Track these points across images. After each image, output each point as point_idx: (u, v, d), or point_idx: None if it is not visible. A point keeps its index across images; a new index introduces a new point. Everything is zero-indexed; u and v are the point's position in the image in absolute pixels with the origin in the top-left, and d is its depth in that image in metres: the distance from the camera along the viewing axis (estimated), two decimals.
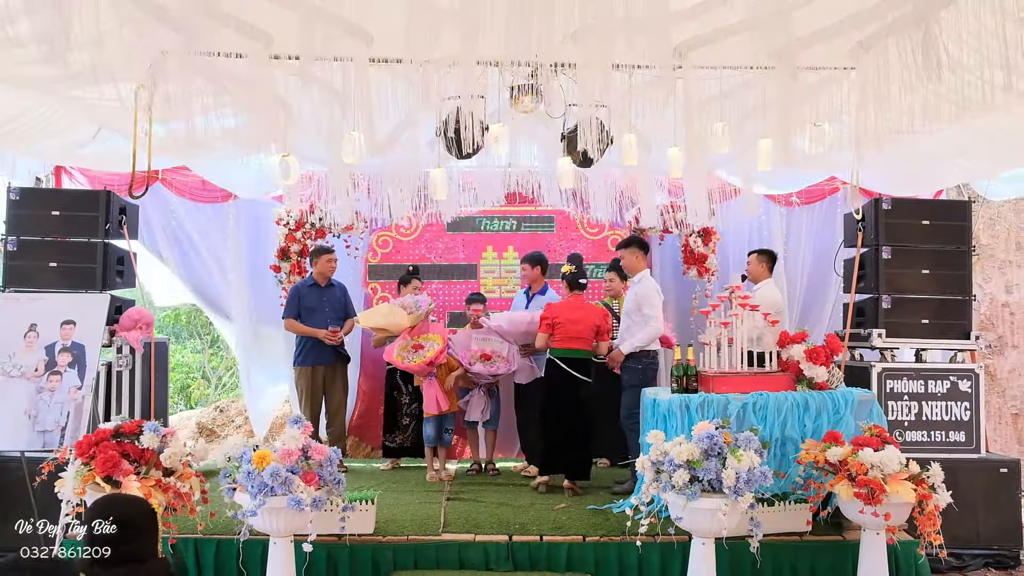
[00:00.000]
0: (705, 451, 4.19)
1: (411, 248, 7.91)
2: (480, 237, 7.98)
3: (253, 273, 7.67)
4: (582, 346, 6.01)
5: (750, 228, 7.93)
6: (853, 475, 4.34)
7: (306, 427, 4.30)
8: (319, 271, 6.91)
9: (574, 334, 5.98)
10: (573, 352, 5.98)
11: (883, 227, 6.12)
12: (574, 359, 5.96)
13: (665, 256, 8.02)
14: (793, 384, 5.15)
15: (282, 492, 4.02)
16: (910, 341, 6.14)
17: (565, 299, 6.22)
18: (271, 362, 7.88)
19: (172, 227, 7.54)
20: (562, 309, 6.08)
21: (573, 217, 7.89)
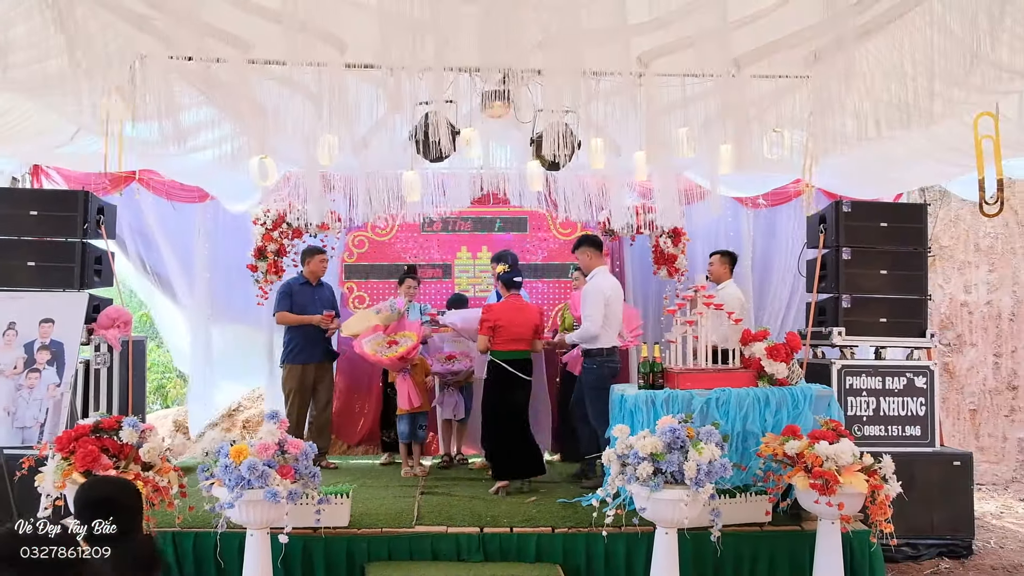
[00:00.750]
0: (668, 444, 4.35)
1: (387, 248, 8.03)
2: (454, 238, 8.13)
3: (229, 272, 7.78)
4: (524, 347, 6.09)
5: (718, 229, 8.14)
6: (809, 467, 4.52)
7: (282, 422, 4.42)
8: (310, 270, 7.02)
9: (516, 336, 6.04)
10: (516, 354, 6.04)
11: (843, 229, 6.33)
12: (517, 360, 6.04)
13: (636, 256, 8.22)
14: (755, 380, 5.34)
15: (259, 485, 4.14)
16: (869, 339, 6.35)
17: (504, 300, 6.23)
18: (240, 359, 7.99)
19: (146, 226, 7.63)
20: (503, 311, 6.10)
21: (546, 218, 8.05)
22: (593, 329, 5.85)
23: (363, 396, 7.96)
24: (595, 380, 5.89)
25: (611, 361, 5.95)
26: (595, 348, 5.93)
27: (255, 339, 7.93)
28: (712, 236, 8.12)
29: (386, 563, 4.77)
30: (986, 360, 8.94)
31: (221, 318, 7.96)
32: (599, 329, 5.85)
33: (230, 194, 7.29)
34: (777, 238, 8.08)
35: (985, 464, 8.67)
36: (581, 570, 4.85)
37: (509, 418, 6.03)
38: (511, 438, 6.02)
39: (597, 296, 5.90)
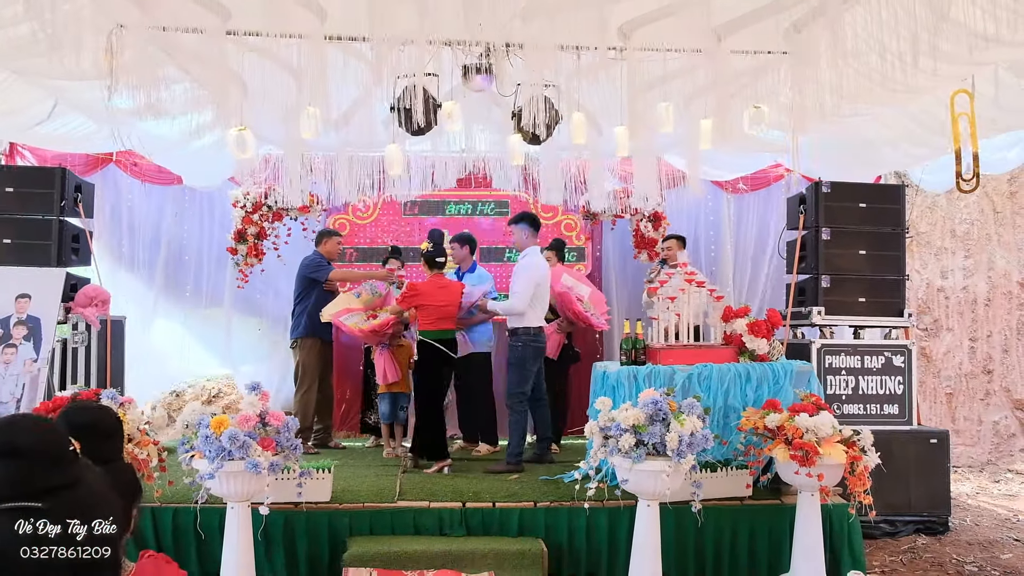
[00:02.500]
0: (650, 416, 4.36)
1: (368, 231, 8.02)
2: (436, 221, 8.10)
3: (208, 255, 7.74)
4: (450, 325, 6.11)
5: (698, 214, 8.20)
6: (789, 439, 4.55)
7: (264, 394, 4.40)
8: (327, 250, 7.05)
9: (443, 315, 6.05)
10: (444, 333, 6.04)
11: (823, 209, 6.38)
12: (447, 340, 6.05)
13: (617, 240, 8.27)
14: (736, 356, 5.37)
15: (240, 456, 4.11)
16: (848, 319, 6.41)
17: (428, 279, 6.22)
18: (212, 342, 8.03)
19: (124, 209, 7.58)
20: (427, 290, 6.10)
21: (527, 201, 8.06)
22: (519, 306, 5.89)
23: (344, 379, 7.95)
24: (517, 358, 5.93)
25: (536, 341, 5.95)
26: (521, 327, 5.96)
27: (238, 323, 7.92)
28: (692, 221, 8.18)
29: (368, 538, 4.75)
30: (962, 345, 9.05)
31: (199, 302, 7.91)
32: (524, 306, 5.89)
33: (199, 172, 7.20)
34: (757, 222, 8.14)
35: (961, 447, 8.78)
36: (563, 544, 4.86)
37: (439, 396, 6.08)
38: (440, 416, 6.06)
39: (530, 273, 5.93)
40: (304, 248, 7.81)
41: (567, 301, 6.48)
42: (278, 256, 7.63)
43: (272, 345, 8.23)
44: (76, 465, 1.59)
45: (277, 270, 7.77)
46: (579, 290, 6.62)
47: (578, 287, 6.64)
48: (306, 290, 6.93)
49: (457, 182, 7.71)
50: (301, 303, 6.92)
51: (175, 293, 8.00)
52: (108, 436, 2.43)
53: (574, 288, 6.58)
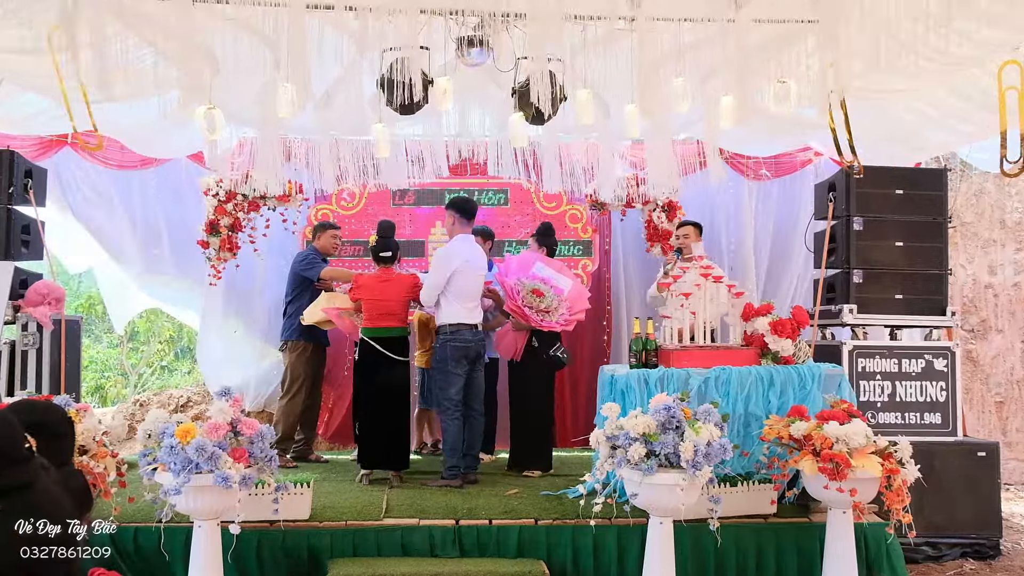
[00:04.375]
0: (662, 424, 4.35)
1: (354, 223, 8.00)
2: (428, 212, 8.11)
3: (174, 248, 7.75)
4: (395, 323, 6.11)
5: (716, 203, 8.18)
6: (818, 449, 4.52)
7: (235, 400, 4.38)
8: (322, 245, 7.09)
9: (384, 310, 6.06)
10: (386, 331, 6.06)
11: (855, 197, 6.35)
12: (388, 338, 6.06)
13: (627, 232, 8.25)
14: (758, 359, 5.35)
15: (208, 469, 4.10)
16: (883, 317, 6.37)
17: (374, 273, 6.29)
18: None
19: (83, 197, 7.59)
20: (368, 282, 6.16)
21: (528, 189, 8.05)
22: (424, 298, 6.01)
23: (330, 385, 7.94)
24: (438, 360, 6.08)
25: (457, 340, 5.97)
26: (441, 323, 6.03)
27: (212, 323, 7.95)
28: (710, 210, 8.16)
29: (351, 560, 4.74)
30: (1014, 348, 8.99)
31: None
32: (430, 299, 5.99)
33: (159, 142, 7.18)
34: (782, 211, 8.11)
35: (1014, 461, 8.73)
36: (567, 566, 4.85)
37: (378, 402, 6.06)
38: (378, 423, 6.05)
39: (443, 261, 6.00)
40: (284, 241, 7.88)
41: (507, 294, 6.40)
42: (255, 250, 7.61)
43: (252, 349, 8.23)
44: (32, 464, 1.59)
45: (254, 264, 7.76)
46: (558, 282, 6.48)
47: (557, 279, 6.50)
48: (299, 288, 6.94)
49: (451, 169, 7.68)
50: (293, 303, 6.93)
51: (147, 289, 8.07)
52: (58, 436, 2.42)
53: (551, 280, 6.45)
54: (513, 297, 6.32)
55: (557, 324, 6.41)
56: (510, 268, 6.54)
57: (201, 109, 4.86)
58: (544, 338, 6.44)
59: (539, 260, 6.60)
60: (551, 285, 6.43)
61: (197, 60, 4.66)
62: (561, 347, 6.56)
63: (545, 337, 6.43)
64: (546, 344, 6.46)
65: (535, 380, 6.50)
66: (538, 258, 6.64)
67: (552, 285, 6.44)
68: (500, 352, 6.79)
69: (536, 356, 6.45)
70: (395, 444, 6.09)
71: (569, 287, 6.56)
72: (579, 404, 8.13)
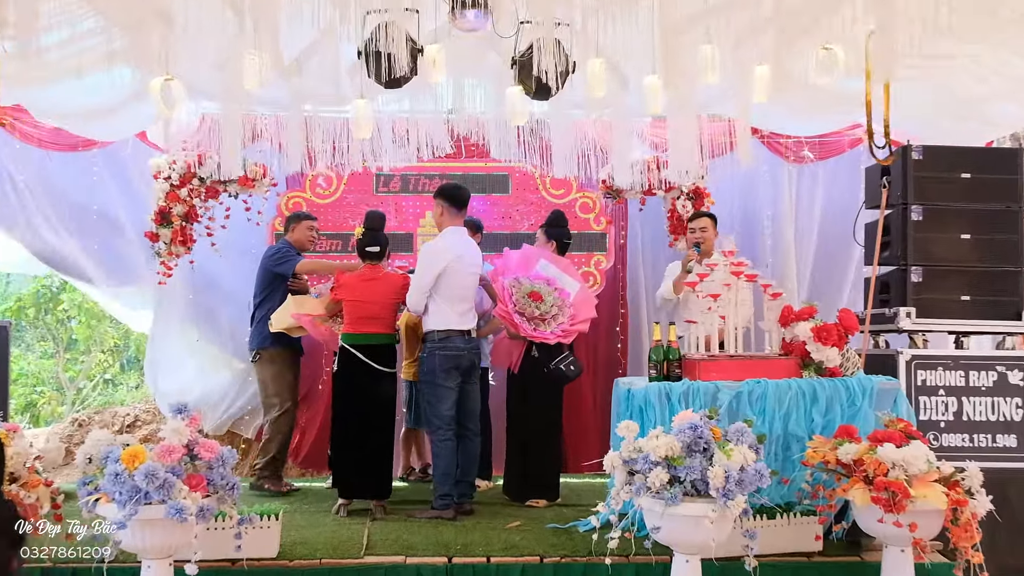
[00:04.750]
0: (688, 445, 4.35)
1: (330, 212, 8.02)
2: (417, 201, 8.13)
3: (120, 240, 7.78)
4: (380, 328, 6.15)
5: (749, 189, 8.20)
6: (870, 476, 4.52)
7: (192, 418, 4.40)
8: (295, 239, 7.11)
9: (368, 313, 6.10)
10: (370, 337, 6.09)
11: (913, 182, 6.33)
12: (372, 346, 6.08)
13: (647, 224, 8.29)
14: (798, 370, 5.36)
15: (159, 499, 4.10)
16: (946, 322, 6.34)
17: (359, 270, 6.32)
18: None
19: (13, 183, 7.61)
20: (350, 282, 6.18)
21: (532, 174, 8.08)
22: (410, 302, 6.04)
23: (302, 401, 7.95)
24: (425, 372, 6.10)
25: (446, 348, 5.99)
26: (428, 329, 6.05)
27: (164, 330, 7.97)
28: (743, 198, 8.17)
29: None
30: None
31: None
32: (418, 303, 6.01)
33: (101, 122, 7.19)
34: (828, 199, 8.14)
35: None
36: None
37: (359, 420, 6.08)
38: (358, 445, 6.07)
39: (430, 259, 6.02)
40: (247, 234, 7.90)
41: (499, 296, 6.37)
42: (212, 244, 7.63)
43: (211, 360, 8.25)
44: None
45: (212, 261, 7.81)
46: (563, 283, 6.46)
47: (563, 279, 6.48)
48: (269, 288, 6.96)
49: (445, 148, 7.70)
50: (263, 305, 6.95)
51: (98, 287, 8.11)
52: None
53: (556, 281, 6.43)
54: (504, 300, 6.30)
55: (551, 335, 6.33)
56: (509, 266, 6.52)
57: (157, 80, 4.86)
58: (547, 346, 6.39)
59: (544, 257, 6.59)
60: (555, 287, 6.41)
61: (148, 22, 4.67)
62: (570, 357, 6.48)
63: (548, 345, 6.39)
64: (549, 354, 6.41)
65: (536, 395, 6.48)
66: (542, 254, 6.63)
67: (556, 287, 6.42)
68: (495, 362, 6.80)
69: (536, 368, 6.42)
70: (378, 469, 6.10)
71: (576, 290, 6.56)
72: (591, 423, 8.13)
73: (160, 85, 4.93)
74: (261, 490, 6.79)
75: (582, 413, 8.13)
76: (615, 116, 6.60)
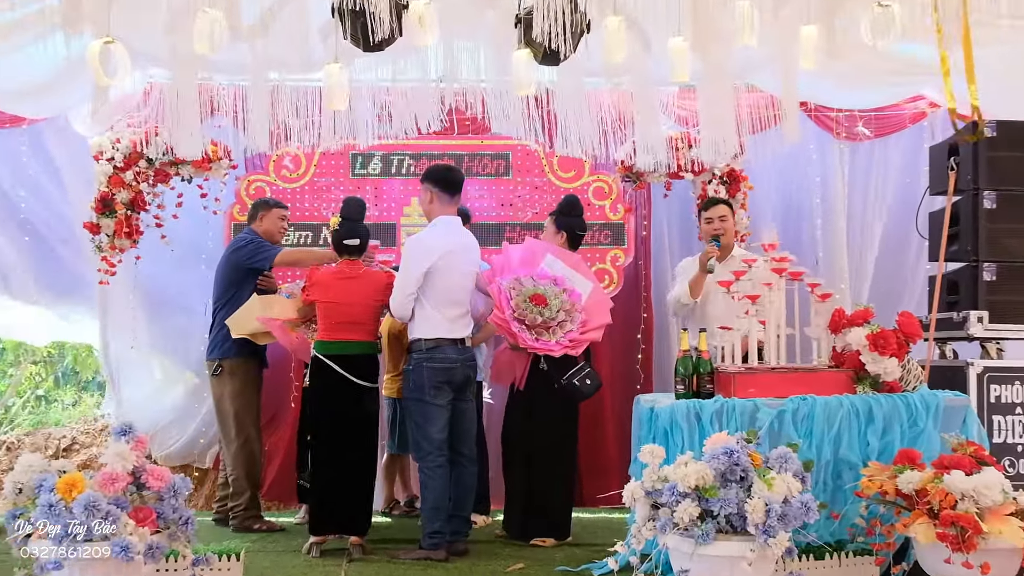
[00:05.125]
0: (722, 474, 4.35)
1: (298, 198, 8.01)
2: (400, 185, 8.15)
3: (49, 232, 7.82)
4: (360, 335, 6.15)
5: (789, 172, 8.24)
6: (935, 509, 4.52)
7: (138, 441, 4.39)
8: (265, 230, 7.09)
9: (346, 318, 6.10)
10: (347, 346, 6.10)
11: (985, 163, 6.34)
12: (350, 356, 6.09)
13: (673, 212, 8.33)
14: (851, 385, 5.34)
15: (101, 535, 4.10)
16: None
17: (335, 266, 6.32)
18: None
19: None
20: (325, 280, 6.18)
21: (537, 154, 8.09)
22: (393, 305, 6.02)
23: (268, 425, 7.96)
24: (411, 387, 6.05)
25: (435, 360, 5.96)
26: (414, 338, 6.03)
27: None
28: (786, 182, 8.16)
29: None
30: None
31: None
32: (400, 307, 5.98)
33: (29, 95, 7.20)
34: (886, 184, 8.14)
35: None
36: None
37: (335, 443, 6.08)
38: (333, 473, 6.06)
39: (415, 254, 6.00)
40: (204, 224, 7.94)
41: (495, 300, 6.27)
42: (162, 237, 7.64)
43: (164, 374, 8.26)
44: None
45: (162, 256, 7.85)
46: (574, 283, 6.40)
47: (574, 279, 6.42)
48: (236, 287, 6.93)
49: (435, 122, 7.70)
50: (228, 307, 6.90)
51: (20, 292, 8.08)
52: None
53: (565, 281, 6.36)
54: (501, 305, 6.20)
55: (557, 346, 6.25)
56: (509, 264, 6.44)
57: (95, 44, 4.84)
58: (556, 358, 6.31)
59: (550, 251, 6.54)
60: (564, 287, 6.34)
61: None
62: (586, 370, 6.38)
63: (559, 356, 6.31)
64: (560, 367, 6.34)
65: (545, 414, 6.42)
66: (549, 248, 6.58)
67: (565, 287, 6.36)
68: (495, 379, 6.74)
69: (545, 383, 6.35)
70: (356, 501, 6.10)
71: (588, 291, 6.49)
72: (607, 447, 8.13)
73: (99, 49, 4.89)
74: (249, 531, 6.76)
75: (598, 436, 8.11)
76: (636, 84, 6.54)
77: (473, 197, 8.01)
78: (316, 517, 6.11)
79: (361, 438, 6.11)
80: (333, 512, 6.05)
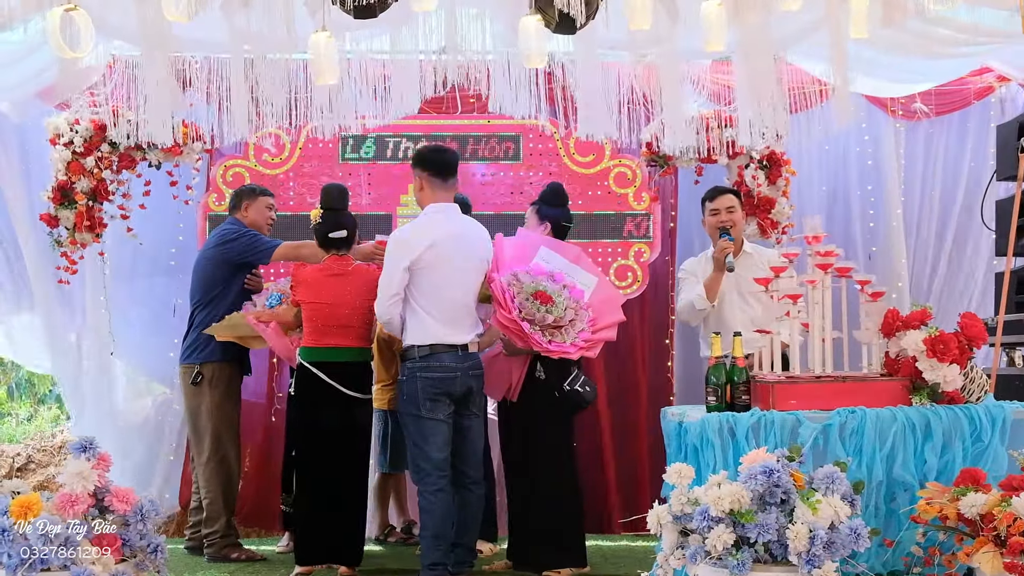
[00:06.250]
0: (760, 496, 4.36)
1: (281, 186, 8.00)
2: (396, 171, 8.16)
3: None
4: (351, 340, 6.20)
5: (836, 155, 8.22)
6: (1002, 536, 4.53)
7: (101, 458, 4.41)
8: (252, 220, 7.11)
9: (334, 321, 6.14)
10: (336, 352, 6.15)
11: None
12: (340, 364, 6.14)
13: None
14: (907, 395, 5.34)
15: (60, 563, 4.13)
16: None
17: (321, 263, 6.33)
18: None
19: None
20: (309, 278, 6.23)
21: (551, 135, 8.10)
22: (377, 308, 5.98)
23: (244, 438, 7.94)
24: (404, 399, 6.01)
25: (430, 369, 5.90)
26: (407, 344, 6.00)
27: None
28: (834, 165, 8.17)
29: None
30: None
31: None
32: (383, 310, 5.93)
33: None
34: (947, 168, 8.13)
35: None
36: None
37: (322, 461, 6.12)
38: (320, 496, 6.09)
39: (392, 249, 5.97)
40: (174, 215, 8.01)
41: (497, 299, 6.15)
42: (128, 230, 7.66)
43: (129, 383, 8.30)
44: None
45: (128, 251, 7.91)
46: (575, 277, 6.34)
47: (574, 273, 6.36)
48: (225, 284, 6.95)
49: (430, 104, 7.70)
50: (213, 306, 6.92)
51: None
52: None
53: (564, 275, 6.28)
54: (506, 305, 6.07)
55: (573, 347, 6.19)
56: (502, 257, 6.32)
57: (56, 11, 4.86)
58: (554, 363, 6.28)
59: (544, 244, 6.49)
60: (563, 283, 6.27)
61: None
62: (582, 376, 6.40)
63: (556, 362, 6.27)
64: (558, 372, 6.34)
65: (546, 427, 6.39)
66: (543, 241, 6.52)
67: (565, 283, 6.29)
68: (486, 389, 6.72)
69: (544, 392, 6.34)
70: (347, 527, 6.13)
71: (592, 287, 6.44)
72: (630, 466, 8.15)
73: (59, 16, 4.92)
74: (226, 560, 6.71)
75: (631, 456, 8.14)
76: (663, 57, 6.56)
77: (477, 184, 8.03)
78: (302, 544, 6.12)
79: (352, 456, 6.14)
80: (321, 539, 6.05)
